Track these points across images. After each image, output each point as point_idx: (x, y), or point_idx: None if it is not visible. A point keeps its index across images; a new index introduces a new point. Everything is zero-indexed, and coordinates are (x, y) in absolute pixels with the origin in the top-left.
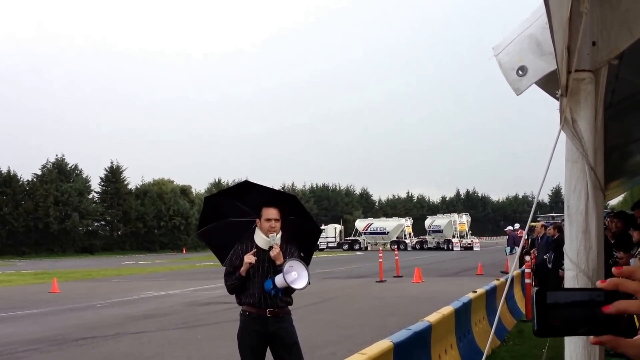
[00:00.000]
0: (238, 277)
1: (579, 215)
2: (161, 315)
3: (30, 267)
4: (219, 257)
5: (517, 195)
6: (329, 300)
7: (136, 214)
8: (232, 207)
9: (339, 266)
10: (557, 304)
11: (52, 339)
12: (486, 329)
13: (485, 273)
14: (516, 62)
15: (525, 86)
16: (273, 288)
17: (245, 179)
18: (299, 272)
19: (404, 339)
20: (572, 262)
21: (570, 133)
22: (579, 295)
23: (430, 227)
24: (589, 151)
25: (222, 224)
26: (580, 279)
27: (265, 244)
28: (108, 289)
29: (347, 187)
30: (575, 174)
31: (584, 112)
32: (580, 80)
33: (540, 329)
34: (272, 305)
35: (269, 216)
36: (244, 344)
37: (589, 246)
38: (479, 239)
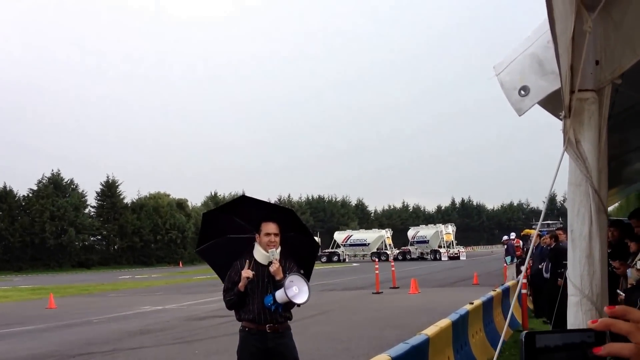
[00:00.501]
0: (237, 293)
1: (582, 240)
2: (158, 331)
3: (26, 283)
4: (220, 275)
5: (511, 204)
6: (325, 312)
7: (132, 228)
8: (230, 223)
9: (335, 278)
10: (547, 347)
11: (49, 355)
12: (483, 341)
13: (482, 283)
14: (518, 82)
15: (528, 107)
16: (273, 304)
17: (243, 194)
18: (300, 287)
19: (402, 353)
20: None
21: (574, 154)
22: (568, 337)
23: (414, 237)
24: (593, 173)
25: (222, 242)
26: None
27: (264, 259)
28: (105, 304)
29: (342, 199)
30: (579, 197)
31: (588, 133)
32: (584, 100)
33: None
34: (272, 321)
35: (268, 231)
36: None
37: (592, 271)
38: (474, 248)
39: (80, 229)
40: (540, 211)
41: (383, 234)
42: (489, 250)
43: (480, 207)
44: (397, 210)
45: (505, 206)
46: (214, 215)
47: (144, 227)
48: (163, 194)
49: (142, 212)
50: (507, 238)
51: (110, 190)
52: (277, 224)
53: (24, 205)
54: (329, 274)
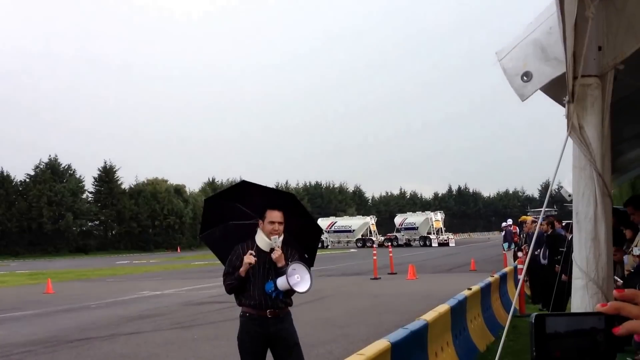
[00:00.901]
0: (237, 278)
1: (587, 222)
2: (156, 316)
3: (24, 268)
4: (224, 262)
5: (507, 191)
6: (323, 298)
7: (130, 213)
8: (233, 209)
9: (332, 264)
10: (557, 333)
11: (47, 341)
12: (481, 326)
13: (479, 269)
14: (521, 68)
15: (530, 92)
16: (274, 290)
17: (242, 179)
18: (302, 275)
19: (401, 338)
20: (582, 270)
21: (577, 140)
22: (578, 322)
23: (401, 224)
24: (597, 157)
25: (225, 228)
26: (590, 288)
27: (266, 245)
28: (103, 289)
29: (340, 185)
30: (584, 180)
31: (591, 118)
32: (587, 85)
33: (539, 359)
34: (273, 306)
35: (273, 219)
36: (244, 345)
37: (598, 254)
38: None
39: (77, 214)
40: (535, 198)
41: (368, 221)
42: (485, 237)
43: (477, 195)
44: (395, 197)
45: (501, 194)
46: (216, 202)
47: (141, 212)
48: (161, 179)
49: (140, 198)
50: (506, 224)
51: (108, 176)
52: (283, 212)
53: (21, 191)
54: (327, 259)
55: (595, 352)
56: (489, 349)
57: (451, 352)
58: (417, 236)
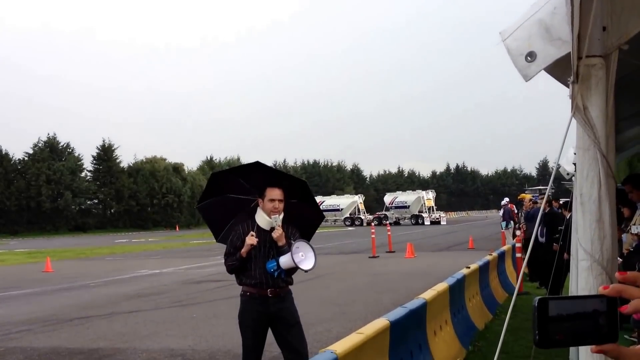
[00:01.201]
0: (238, 258)
1: (592, 203)
2: (155, 294)
3: (23, 246)
4: (212, 230)
5: (505, 169)
6: (321, 277)
7: (129, 192)
8: (235, 184)
9: (330, 242)
10: (560, 316)
11: (46, 319)
12: (480, 305)
13: (477, 247)
14: (525, 48)
15: (535, 72)
16: (277, 269)
17: (256, 160)
18: (306, 253)
19: (400, 317)
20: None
21: (581, 120)
22: (581, 305)
23: (392, 203)
24: (601, 138)
25: (221, 199)
26: (595, 269)
27: (266, 224)
28: (102, 267)
29: (338, 164)
30: (587, 161)
31: (595, 99)
32: (592, 66)
33: (542, 341)
34: (274, 285)
35: (273, 197)
36: (245, 324)
37: (602, 235)
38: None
39: (76, 193)
40: (533, 177)
41: (356, 200)
42: (483, 215)
43: (475, 173)
44: (393, 175)
45: (499, 172)
46: (222, 176)
47: (140, 191)
48: (159, 158)
49: (139, 176)
50: (505, 203)
51: (107, 154)
52: (283, 190)
53: (19, 169)
54: (324, 238)
55: (597, 334)
56: (487, 327)
57: (450, 330)
58: (408, 215)
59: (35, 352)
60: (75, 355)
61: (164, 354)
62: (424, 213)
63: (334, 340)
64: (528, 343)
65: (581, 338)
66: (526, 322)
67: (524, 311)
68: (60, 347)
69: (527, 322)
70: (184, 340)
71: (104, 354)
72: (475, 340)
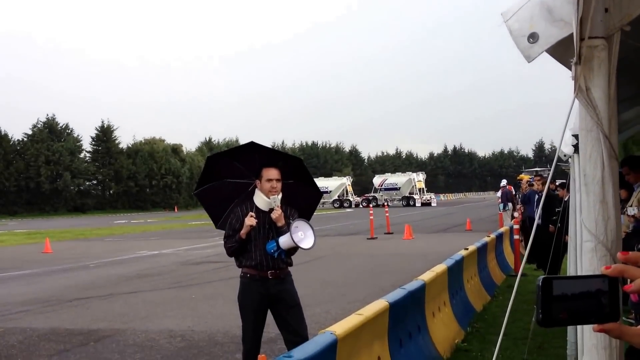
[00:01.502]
0: (238, 240)
1: (595, 184)
2: (155, 275)
3: (22, 227)
4: (212, 217)
5: (502, 151)
6: (320, 258)
7: (128, 173)
8: (231, 167)
9: (328, 224)
10: (564, 295)
11: (46, 300)
12: (478, 286)
13: (475, 229)
14: (527, 29)
15: (537, 53)
16: (277, 250)
17: (251, 141)
18: (305, 232)
19: (399, 298)
20: (591, 233)
21: (584, 101)
22: (584, 285)
23: (381, 184)
24: (604, 120)
25: (219, 185)
26: (599, 250)
27: (265, 205)
28: (101, 248)
29: (336, 145)
30: (590, 142)
31: (598, 80)
32: (594, 47)
33: (546, 320)
34: (274, 267)
35: (270, 177)
36: (245, 306)
37: (607, 216)
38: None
39: (75, 174)
40: (530, 158)
41: (344, 182)
42: (481, 197)
43: (472, 155)
44: (390, 157)
45: (496, 153)
46: (217, 159)
47: (139, 172)
48: (158, 139)
49: (138, 157)
50: (503, 185)
51: (106, 135)
52: (279, 170)
53: (18, 150)
54: (323, 219)
55: (600, 313)
56: (485, 308)
57: (448, 311)
58: (398, 197)
59: (34, 332)
60: (74, 336)
61: (163, 334)
62: (415, 195)
63: (333, 321)
64: (526, 325)
65: (584, 317)
66: (524, 304)
67: (521, 293)
68: (59, 327)
69: (525, 303)
70: (183, 321)
71: (103, 335)
72: (473, 322)
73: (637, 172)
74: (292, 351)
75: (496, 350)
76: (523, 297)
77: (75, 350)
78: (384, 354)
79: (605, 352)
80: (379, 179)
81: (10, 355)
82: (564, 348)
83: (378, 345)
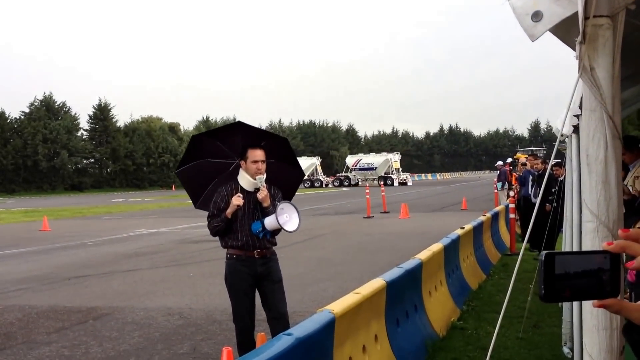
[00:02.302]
0: (224, 219)
1: (598, 164)
2: (153, 253)
3: (20, 205)
4: (191, 196)
5: (497, 130)
6: (317, 237)
7: (125, 151)
8: (214, 147)
9: (325, 203)
10: (567, 274)
11: (44, 278)
12: (474, 265)
13: (470, 208)
14: (531, 7)
15: (541, 32)
16: (262, 230)
17: (238, 120)
18: (290, 214)
19: (396, 277)
20: (593, 213)
21: (588, 81)
22: (586, 260)
23: (356, 165)
24: (607, 99)
25: (199, 165)
26: (601, 231)
27: (250, 185)
28: (98, 226)
29: (333, 124)
30: (594, 122)
31: (602, 60)
32: (599, 26)
33: (548, 296)
34: (260, 247)
35: (256, 158)
36: (234, 287)
37: (609, 197)
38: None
39: (72, 152)
40: (525, 138)
41: (315, 162)
42: (476, 175)
43: (468, 134)
44: (387, 135)
45: (491, 133)
46: (201, 139)
47: (136, 150)
48: (155, 117)
49: (135, 136)
50: (501, 164)
51: (103, 114)
52: (264, 150)
53: (16, 128)
54: (320, 198)
55: (601, 290)
56: (480, 287)
57: (444, 290)
58: (374, 177)
59: (33, 310)
60: (73, 314)
61: (161, 312)
62: (393, 175)
63: (330, 300)
64: (521, 303)
65: (586, 293)
66: (518, 283)
67: (517, 272)
68: (58, 305)
69: (520, 282)
70: (182, 298)
71: (102, 313)
72: (469, 300)
73: (633, 152)
74: (291, 329)
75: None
76: (518, 276)
77: (74, 328)
78: (381, 333)
79: (606, 333)
80: (352, 159)
81: (9, 333)
82: (559, 327)
83: (375, 324)
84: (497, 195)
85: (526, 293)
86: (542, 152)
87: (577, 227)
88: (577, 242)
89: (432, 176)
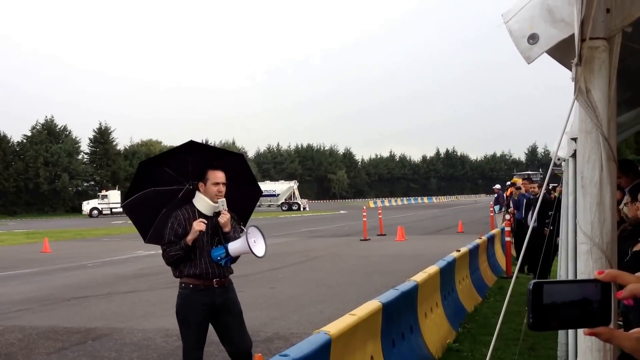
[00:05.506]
0: (184, 247)
1: (593, 186)
2: (151, 275)
3: (21, 227)
4: (140, 231)
5: (494, 154)
6: (314, 259)
7: (125, 174)
8: (161, 174)
9: (322, 225)
10: (555, 304)
11: (44, 299)
12: (469, 287)
13: (466, 231)
14: (527, 30)
15: (537, 54)
16: (225, 257)
17: (190, 140)
18: (257, 239)
19: (392, 299)
20: (586, 235)
21: (584, 103)
22: (575, 290)
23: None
24: (603, 122)
25: (146, 195)
26: (594, 253)
27: (209, 209)
28: (98, 248)
29: (331, 147)
30: (589, 144)
31: (598, 82)
32: (595, 48)
33: (536, 325)
34: (219, 275)
35: (217, 180)
36: (187, 320)
37: (603, 219)
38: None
39: (73, 175)
40: (522, 162)
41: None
42: (472, 199)
43: (464, 158)
44: (384, 159)
45: (488, 157)
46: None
47: None
48: (155, 141)
49: (135, 159)
50: (498, 188)
51: (103, 137)
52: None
53: (18, 151)
54: (316, 221)
55: (591, 318)
56: (476, 309)
57: (440, 312)
58: (276, 202)
59: (33, 330)
60: (72, 334)
61: (159, 333)
62: (297, 200)
63: (327, 321)
64: (517, 326)
65: (575, 322)
66: (515, 306)
67: (513, 294)
68: (57, 326)
69: (516, 305)
70: None
71: (100, 334)
72: (464, 322)
73: (629, 176)
74: (287, 350)
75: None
76: (514, 299)
77: (73, 349)
78: (377, 354)
79: (600, 355)
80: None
81: (9, 353)
82: (555, 349)
83: (371, 345)
84: (492, 218)
85: (522, 315)
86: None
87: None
88: (573, 265)
89: (428, 199)
